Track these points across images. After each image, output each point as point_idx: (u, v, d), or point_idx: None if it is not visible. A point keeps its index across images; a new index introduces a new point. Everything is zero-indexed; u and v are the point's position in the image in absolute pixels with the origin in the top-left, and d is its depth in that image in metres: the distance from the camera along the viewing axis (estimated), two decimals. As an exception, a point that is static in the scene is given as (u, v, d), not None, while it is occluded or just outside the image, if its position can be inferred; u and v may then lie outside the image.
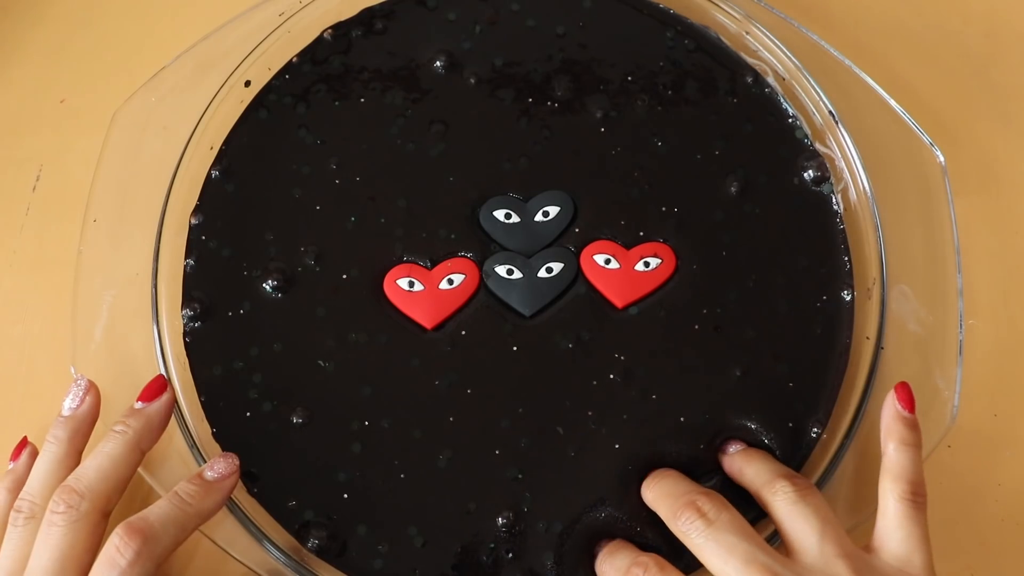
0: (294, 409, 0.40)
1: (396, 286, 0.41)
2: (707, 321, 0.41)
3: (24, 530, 0.36)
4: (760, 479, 0.37)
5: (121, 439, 0.37)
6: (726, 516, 0.35)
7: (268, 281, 0.42)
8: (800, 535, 0.35)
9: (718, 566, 0.34)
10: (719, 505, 0.35)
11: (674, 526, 0.36)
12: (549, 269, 0.42)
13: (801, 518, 0.35)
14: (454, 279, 0.41)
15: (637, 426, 0.40)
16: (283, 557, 0.38)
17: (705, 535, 0.34)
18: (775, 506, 0.36)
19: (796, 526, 0.35)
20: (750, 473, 0.38)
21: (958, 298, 0.42)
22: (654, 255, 0.42)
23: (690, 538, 0.35)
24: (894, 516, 0.35)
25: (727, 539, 0.34)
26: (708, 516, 0.35)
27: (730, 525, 0.34)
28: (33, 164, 0.48)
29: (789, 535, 0.35)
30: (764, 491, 0.36)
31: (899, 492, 0.35)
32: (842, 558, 0.33)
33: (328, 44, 0.46)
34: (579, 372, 0.40)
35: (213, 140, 0.45)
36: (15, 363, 0.44)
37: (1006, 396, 0.43)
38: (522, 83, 0.45)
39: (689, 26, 0.46)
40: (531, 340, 0.41)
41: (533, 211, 0.43)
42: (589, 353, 0.41)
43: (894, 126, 0.44)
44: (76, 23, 0.52)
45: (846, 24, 0.50)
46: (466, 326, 0.41)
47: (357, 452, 0.39)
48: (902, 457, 0.36)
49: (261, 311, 0.41)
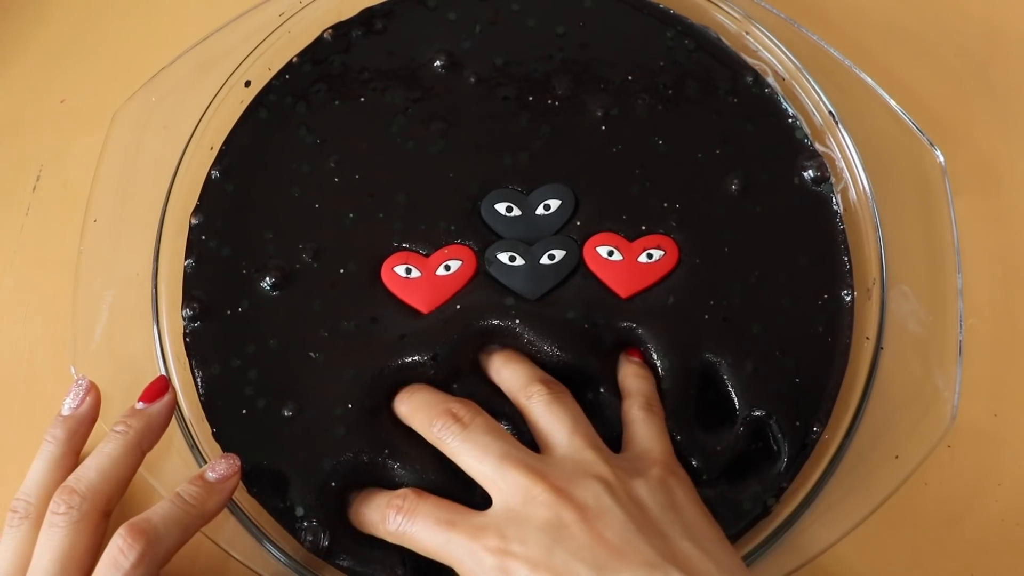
0: (284, 403, 0.39)
1: (393, 273, 0.41)
2: (716, 312, 0.41)
3: (19, 530, 0.36)
4: (517, 383, 0.38)
5: (122, 439, 0.37)
6: (480, 420, 0.36)
7: (266, 279, 0.41)
8: (552, 433, 0.36)
9: (475, 467, 0.35)
10: (473, 410, 0.37)
11: (429, 434, 0.37)
12: (551, 256, 0.42)
13: (554, 418, 0.36)
14: (451, 265, 0.41)
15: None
16: (285, 558, 0.38)
17: (460, 438, 0.36)
18: (530, 408, 0.37)
19: (549, 426, 0.36)
20: (507, 375, 0.39)
21: (958, 298, 0.42)
22: (657, 247, 0.42)
23: (446, 443, 0.36)
24: (635, 423, 0.38)
25: (482, 440, 0.35)
26: (463, 420, 0.36)
27: (484, 427, 0.36)
28: (33, 164, 0.48)
29: (543, 434, 0.37)
30: (520, 395, 0.38)
31: (638, 404, 0.38)
32: (591, 448, 0.35)
33: (328, 44, 0.46)
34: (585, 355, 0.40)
35: (213, 140, 0.45)
36: (15, 363, 0.44)
37: (1006, 396, 0.43)
38: (523, 82, 0.45)
39: (689, 26, 0.47)
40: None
41: (534, 204, 0.43)
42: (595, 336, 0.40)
43: (894, 126, 0.45)
44: (76, 23, 0.52)
45: (846, 24, 0.50)
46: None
47: (340, 436, 0.39)
48: (638, 383, 0.39)
49: (259, 309, 0.41)
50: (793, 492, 0.39)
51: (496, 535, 0.33)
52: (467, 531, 0.34)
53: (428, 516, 0.35)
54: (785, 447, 0.39)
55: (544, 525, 0.33)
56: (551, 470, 0.34)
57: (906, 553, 0.40)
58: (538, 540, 0.32)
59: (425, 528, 0.35)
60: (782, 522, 0.39)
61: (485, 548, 0.33)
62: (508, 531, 0.33)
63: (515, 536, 0.33)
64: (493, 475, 0.35)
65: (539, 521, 0.33)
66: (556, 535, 0.32)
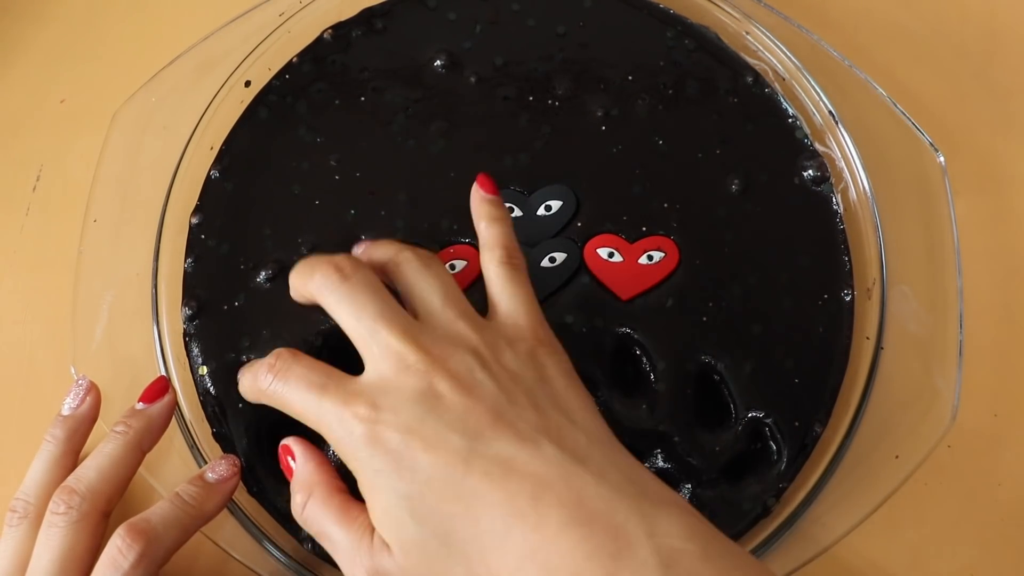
0: None
1: None
2: (715, 313, 0.41)
3: (18, 530, 0.36)
4: (386, 254, 0.37)
5: (122, 440, 0.37)
6: (361, 274, 0.35)
7: (263, 272, 0.41)
8: (424, 301, 0.35)
9: (351, 324, 0.34)
10: (356, 263, 0.35)
11: (307, 288, 0.36)
12: (552, 259, 0.42)
13: (426, 286, 0.36)
14: (456, 264, 0.41)
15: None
16: (285, 558, 0.38)
17: (339, 293, 0.34)
18: (400, 275, 0.36)
19: (421, 294, 0.36)
20: (378, 253, 0.38)
21: (958, 298, 0.42)
22: (658, 248, 0.42)
23: (324, 297, 0.35)
24: (497, 280, 0.37)
25: (360, 297, 0.34)
26: (344, 271, 0.35)
27: (365, 282, 0.35)
28: (33, 164, 0.48)
29: (415, 301, 0.36)
30: (389, 264, 0.37)
31: (497, 258, 0.37)
32: (463, 318, 0.35)
33: (328, 44, 0.46)
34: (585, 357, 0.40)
35: (213, 140, 0.45)
36: (15, 363, 0.44)
37: (1006, 396, 0.43)
38: (523, 82, 0.45)
39: (689, 26, 0.47)
40: None
41: (535, 205, 0.43)
42: (596, 338, 0.40)
43: (894, 126, 0.44)
44: (76, 23, 0.52)
45: (846, 24, 0.50)
46: None
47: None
48: (494, 230, 0.38)
49: (255, 303, 0.41)
50: (793, 492, 0.39)
51: (367, 403, 0.32)
52: (339, 396, 0.33)
53: (301, 378, 0.34)
54: (785, 447, 0.39)
55: (416, 395, 0.32)
56: (425, 338, 0.33)
57: (906, 553, 0.40)
58: (410, 409, 0.32)
59: (297, 390, 0.34)
60: (782, 522, 0.39)
61: (355, 416, 0.32)
62: (380, 400, 0.32)
63: (387, 405, 0.32)
64: (368, 336, 0.34)
65: (411, 391, 0.32)
66: (428, 405, 0.32)
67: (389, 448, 0.31)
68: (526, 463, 0.31)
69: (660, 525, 0.29)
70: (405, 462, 0.31)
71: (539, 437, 0.31)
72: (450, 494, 0.30)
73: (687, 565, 0.29)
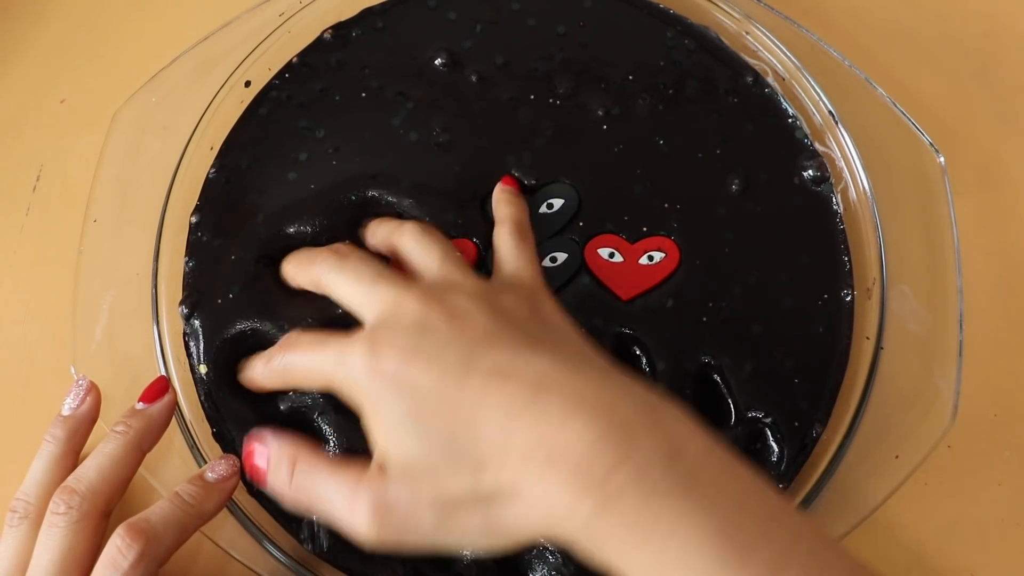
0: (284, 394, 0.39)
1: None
2: (715, 313, 0.41)
3: (18, 530, 0.36)
4: (388, 229, 0.40)
5: (122, 439, 0.37)
6: (359, 254, 0.37)
7: (263, 272, 0.41)
8: (423, 261, 0.37)
9: (349, 292, 0.36)
10: (353, 247, 0.38)
11: (309, 273, 0.38)
12: (553, 259, 0.42)
13: (425, 248, 0.38)
14: None
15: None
16: (285, 558, 0.38)
17: (336, 269, 0.36)
18: (401, 242, 0.39)
19: (420, 255, 0.37)
20: (382, 228, 0.40)
21: (958, 298, 0.42)
22: (658, 249, 0.42)
23: (324, 278, 0.37)
24: (504, 247, 0.39)
25: (354, 266, 0.36)
26: (340, 252, 0.37)
27: (362, 258, 0.37)
28: (33, 164, 0.48)
29: (414, 263, 0.38)
30: (393, 235, 0.39)
31: (508, 229, 0.39)
32: (461, 272, 0.36)
33: (328, 44, 0.46)
34: None
35: (213, 140, 0.45)
36: (15, 363, 0.44)
37: (1006, 396, 0.43)
38: (523, 81, 0.45)
39: (689, 26, 0.47)
40: None
41: (538, 203, 0.43)
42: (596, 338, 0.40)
43: (894, 126, 0.45)
44: (76, 23, 0.52)
45: (846, 24, 0.50)
46: None
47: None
48: (510, 208, 0.41)
49: (255, 302, 0.41)
50: (793, 492, 0.39)
51: (365, 341, 0.33)
52: (339, 344, 0.34)
53: (305, 343, 0.35)
54: (785, 447, 0.39)
55: (411, 325, 0.33)
56: (422, 285, 0.35)
57: (906, 553, 0.40)
58: (406, 338, 0.32)
59: (301, 354, 0.35)
60: (782, 522, 0.39)
61: (355, 353, 0.33)
62: (377, 335, 0.33)
63: (384, 338, 0.33)
64: (366, 295, 0.35)
65: (407, 322, 0.33)
66: (424, 331, 0.32)
67: (388, 374, 0.32)
68: (523, 368, 0.31)
69: (665, 421, 0.30)
70: (404, 382, 0.32)
71: (535, 346, 0.32)
72: (450, 404, 0.31)
73: (693, 456, 0.29)
